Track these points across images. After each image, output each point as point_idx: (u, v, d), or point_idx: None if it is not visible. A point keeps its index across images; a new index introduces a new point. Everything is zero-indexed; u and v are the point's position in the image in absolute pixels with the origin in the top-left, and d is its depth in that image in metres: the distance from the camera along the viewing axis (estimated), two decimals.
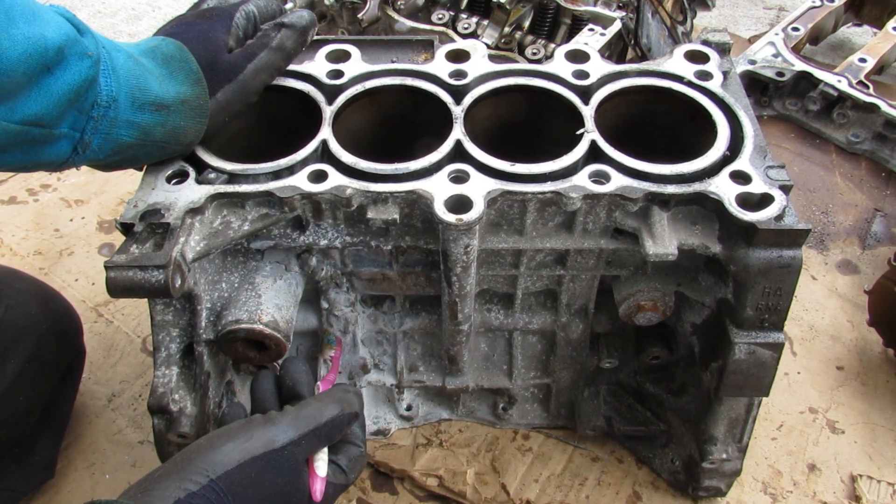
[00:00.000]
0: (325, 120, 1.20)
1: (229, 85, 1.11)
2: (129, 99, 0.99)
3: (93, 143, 0.98)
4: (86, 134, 0.97)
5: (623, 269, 1.25)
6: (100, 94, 0.95)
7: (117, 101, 0.97)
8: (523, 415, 1.53)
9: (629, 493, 1.46)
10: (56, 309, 1.40)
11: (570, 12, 2.02)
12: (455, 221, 1.04)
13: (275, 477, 0.89)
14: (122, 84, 0.98)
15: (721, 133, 1.16)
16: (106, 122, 0.97)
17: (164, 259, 0.99)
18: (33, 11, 0.88)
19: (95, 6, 3.34)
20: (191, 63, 1.07)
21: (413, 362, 1.46)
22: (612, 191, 1.08)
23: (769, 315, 1.10)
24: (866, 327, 1.71)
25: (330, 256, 1.25)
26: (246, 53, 1.13)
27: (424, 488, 1.47)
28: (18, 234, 1.98)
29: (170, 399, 1.12)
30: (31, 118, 0.89)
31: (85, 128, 0.96)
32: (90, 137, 0.97)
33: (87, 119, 0.96)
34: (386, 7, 2.07)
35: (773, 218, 1.03)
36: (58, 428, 1.47)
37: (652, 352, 1.34)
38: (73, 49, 0.91)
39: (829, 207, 2.05)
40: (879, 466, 1.51)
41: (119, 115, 0.98)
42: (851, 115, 2.16)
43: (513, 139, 1.28)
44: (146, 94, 1.01)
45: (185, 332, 1.14)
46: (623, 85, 1.25)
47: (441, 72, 1.27)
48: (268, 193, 1.10)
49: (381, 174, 1.12)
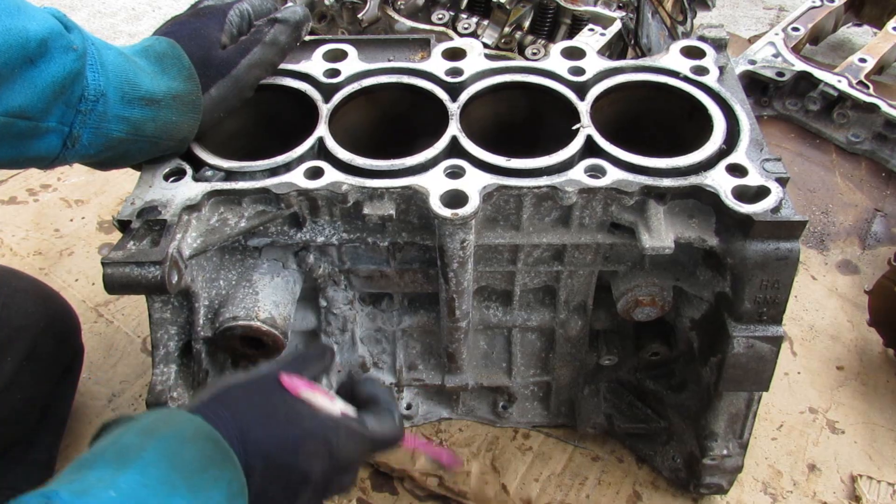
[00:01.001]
0: (322, 118, 1.20)
1: (223, 80, 1.11)
2: (119, 93, 0.99)
3: (82, 138, 0.98)
4: (74, 128, 0.97)
5: (621, 264, 1.24)
6: (87, 87, 0.96)
7: (106, 95, 0.98)
8: (523, 413, 1.53)
9: (629, 493, 1.45)
10: (53, 307, 1.41)
11: (571, 12, 2.02)
12: (451, 216, 1.04)
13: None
14: (111, 79, 0.99)
15: (717, 127, 1.16)
16: (95, 116, 0.98)
17: (161, 255, 0.99)
18: (18, 6, 0.90)
19: (95, 6, 3.36)
20: (183, 59, 1.07)
21: (412, 360, 1.46)
22: (608, 185, 1.08)
23: (767, 308, 1.10)
24: (866, 327, 1.71)
25: (327, 253, 1.25)
26: (239, 49, 1.14)
27: (424, 488, 1.46)
28: (18, 234, 1.98)
29: (168, 396, 1.12)
30: (16, 110, 0.90)
31: (73, 122, 0.97)
32: (79, 131, 0.98)
33: (74, 113, 0.96)
34: (386, 7, 2.07)
35: (769, 210, 1.02)
36: (57, 427, 1.47)
37: (651, 348, 1.34)
38: (57, 42, 0.92)
39: (829, 207, 2.05)
40: (879, 466, 1.50)
41: (108, 109, 0.99)
42: (851, 115, 2.15)
43: (509, 136, 1.28)
44: (136, 89, 1.01)
45: (184, 329, 1.15)
46: (619, 80, 1.25)
47: (437, 69, 1.27)
48: (264, 190, 1.10)
49: (377, 170, 1.12)
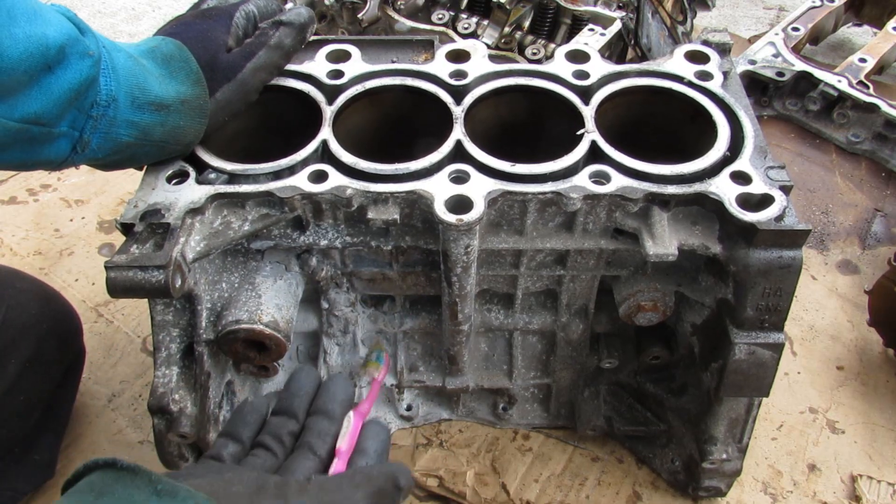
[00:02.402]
0: (326, 120, 1.20)
1: (228, 84, 1.11)
2: (129, 98, 0.99)
3: (92, 143, 0.98)
4: (85, 133, 0.97)
5: (623, 269, 1.25)
6: (99, 93, 0.95)
7: (117, 100, 0.97)
8: (523, 415, 1.53)
9: (629, 493, 1.46)
10: (56, 309, 1.40)
11: (570, 12, 2.02)
12: (455, 222, 1.04)
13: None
14: (122, 84, 0.98)
15: (721, 133, 1.16)
16: (105, 121, 0.97)
17: (165, 259, 0.99)
18: (35, 10, 0.88)
19: (95, 6, 3.34)
20: (191, 63, 1.07)
21: (413, 362, 1.46)
22: (613, 191, 1.08)
23: (769, 315, 1.10)
24: (866, 327, 1.71)
25: (330, 256, 1.25)
26: (244, 52, 1.13)
27: (424, 488, 1.47)
28: (18, 234, 1.98)
29: (170, 399, 1.12)
30: (31, 116, 0.89)
31: (84, 127, 0.96)
32: (89, 136, 0.97)
33: (86, 118, 0.96)
34: (386, 7, 2.06)
35: (773, 218, 1.03)
36: (58, 428, 1.47)
37: (652, 352, 1.35)
38: (74, 48, 0.91)
39: (829, 207, 2.05)
40: (879, 466, 1.51)
41: (118, 114, 0.98)
42: (851, 115, 2.16)
43: (513, 139, 1.28)
44: (146, 93, 1.01)
45: (186, 332, 1.14)
46: (623, 85, 1.25)
47: (441, 72, 1.27)
48: (268, 194, 1.10)
49: (381, 174, 1.12)
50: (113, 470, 0.68)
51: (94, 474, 0.68)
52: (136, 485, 0.66)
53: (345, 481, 0.78)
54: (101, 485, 0.66)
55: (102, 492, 0.66)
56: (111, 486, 0.66)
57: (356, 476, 0.79)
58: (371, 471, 0.81)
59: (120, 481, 0.67)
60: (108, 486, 0.66)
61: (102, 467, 0.68)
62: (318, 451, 0.84)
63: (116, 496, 0.65)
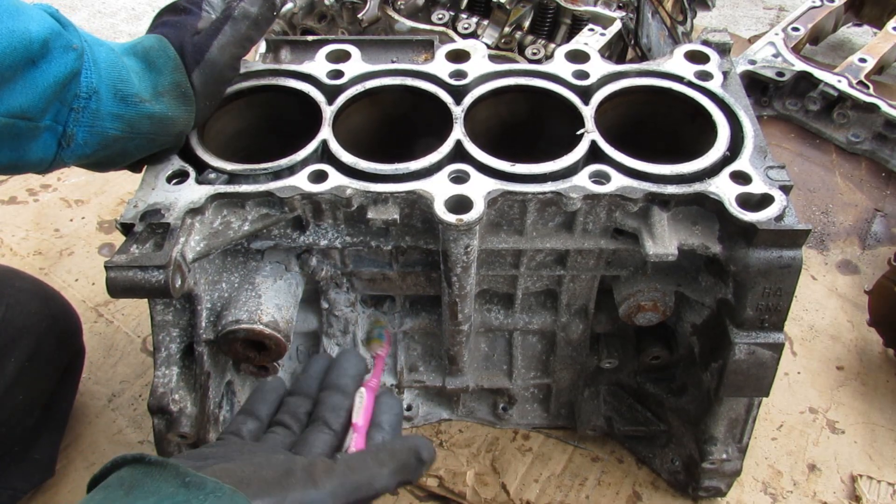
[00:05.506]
0: (326, 120, 1.20)
1: (198, 68, 1.07)
2: (112, 91, 0.99)
3: (77, 137, 0.98)
4: (68, 126, 0.96)
5: (623, 269, 1.25)
6: (80, 85, 0.96)
7: (98, 93, 0.97)
8: (523, 415, 1.53)
9: (629, 493, 1.46)
10: (56, 308, 1.41)
11: (570, 12, 2.02)
12: (455, 222, 1.04)
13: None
14: (104, 76, 0.98)
15: (721, 133, 1.16)
16: (88, 114, 0.97)
17: (165, 259, 0.99)
18: (16, 7, 0.89)
19: (95, 6, 3.34)
20: (168, 50, 1.06)
21: (413, 362, 1.46)
22: (613, 191, 1.09)
23: (769, 315, 1.10)
24: (866, 327, 1.71)
25: (330, 256, 1.25)
26: (210, 31, 1.10)
27: (424, 488, 1.47)
28: (18, 234, 1.98)
29: (170, 399, 1.12)
30: (17, 111, 0.90)
31: (67, 120, 0.96)
32: (73, 130, 0.97)
33: (68, 111, 0.96)
34: (386, 7, 2.07)
35: (773, 218, 1.03)
36: (58, 427, 1.47)
37: (652, 352, 1.34)
38: (57, 42, 0.92)
39: (829, 207, 2.05)
40: (879, 466, 1.51)
41: (101, 107, 0.98)
42: (851, 115, 2.16)
43: (513, 139, 1.28)
44: (129, 85, 1.01)
45: (186, 332, 1.14)
46: (623, 85, 1.25)
47: (441, 72, 1.27)
48: (268, 194, 1.10)
49: (381, 174, 1.12)
50: (141, 465, 0.68)
51: (122, 470, 0.69)
52: (165, 477, 0.67)
53: (370, 458, 0.79)
54: (131, 479, 0.67)
55: (133, 486, 0.67)
56: (140, 480, 0.67)
57: (380, 453, 0.80)
58: (394, 445, 0.82)
59: (149, 475, 0.67)
60: (137, 480, 0.67)
61: (131, 462, 0.69)
62: (332, 426, 0.86)
63: (146, 490, 0.66)
